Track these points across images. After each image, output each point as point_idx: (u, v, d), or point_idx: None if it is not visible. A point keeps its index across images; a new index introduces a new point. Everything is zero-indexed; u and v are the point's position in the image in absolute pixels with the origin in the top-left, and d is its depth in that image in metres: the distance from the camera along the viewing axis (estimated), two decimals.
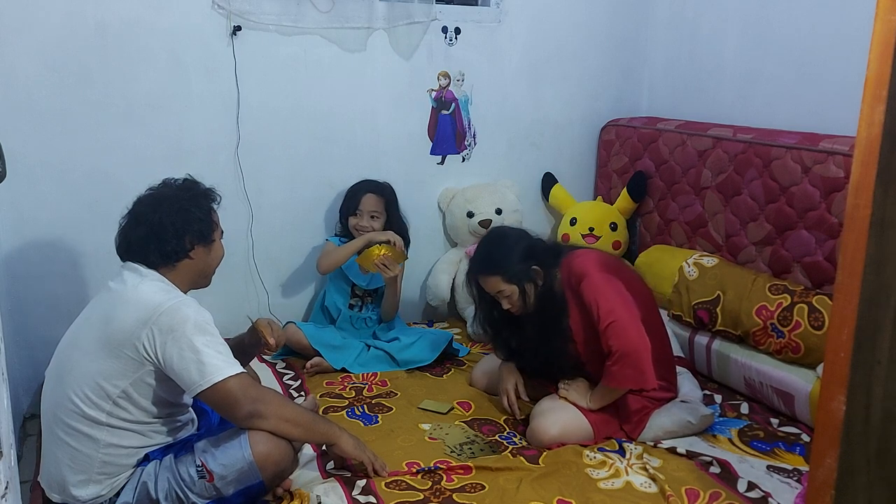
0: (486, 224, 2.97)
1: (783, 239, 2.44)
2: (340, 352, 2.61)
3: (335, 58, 2.80)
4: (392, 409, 2.29)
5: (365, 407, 2.30)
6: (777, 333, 2.21)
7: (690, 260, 2.58)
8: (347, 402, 2.33)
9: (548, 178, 3.27)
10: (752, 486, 1.83)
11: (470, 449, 2.05)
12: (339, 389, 2.44)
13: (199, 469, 1.66)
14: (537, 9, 3.08)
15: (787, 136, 2.45)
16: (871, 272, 0.77)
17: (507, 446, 2.06)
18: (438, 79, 3.00)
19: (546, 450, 1.98)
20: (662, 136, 2.98)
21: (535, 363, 2.23)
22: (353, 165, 2.88)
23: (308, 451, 1.95)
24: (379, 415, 2.25)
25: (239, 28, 2.62)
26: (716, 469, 1.91)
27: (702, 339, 2.47)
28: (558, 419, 2.05)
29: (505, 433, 2.15)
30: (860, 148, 0.77)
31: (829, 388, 0.83)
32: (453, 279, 3.05)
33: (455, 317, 3.13)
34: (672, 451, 2.00)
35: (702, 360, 2.48)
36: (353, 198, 2.76)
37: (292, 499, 1.75)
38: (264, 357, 2.66)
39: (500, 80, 3.10)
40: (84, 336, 1.70)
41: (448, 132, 3.08)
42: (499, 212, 3.03)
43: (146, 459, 1.72)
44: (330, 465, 1.90)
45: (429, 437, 2.11)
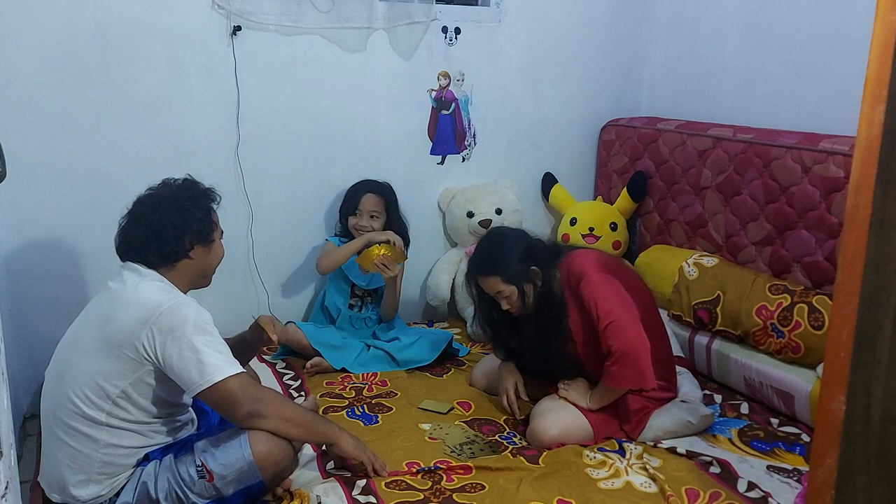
0: (486, 224, 2.97)
1: (783, 239, 2.44)
2: (340, 352, 2.61)
3: (335, 58, 2.80)
4: (392, 409, 2.29)
5: (365, 407, 2.30)
6: (777, 333, 2.21)
7: (690, 260, 2.58)
8: (347, 402, 2.33)
9: (548, 178, 3.27)
10: (752, 486, 1.83)
11: (470, 449, 2.05)
12: (339, 389, 2.44)
13: (199, 469, 1.66)
14: (537, 9, 3.08)
15: (787, 136, 2.45)
16: (871, 272, 0.77)
17: (507, 446, 2.06)
18: (438, 79, 3.00)
19: (546, 450, 1.98)
20: (662, 136, 2.98)
21: (535, 363, 2.23)
22: (353, 165, 2.88)
23: (308, 451, 1.95)
24: (379, 415, 2.25)
25: (239, 28, 2.62)
26: (716, 469, 1.91)
27: (702, 339, 2.47)
28: (558, 419, 2.05)
29: (505, 433, 2.15)
30: (860, 148, 0.77)
31: (829, 388, 0.83)
32: (453, 279, 3.05)
33: (455, 317, 3.13)
34: (672, 451, 2.00)
35: (702, 360, 2.48)
36: (352, 198, 2.76)
37: (292, 499, 1.75)
38: (264, 357, 2.66)
39: (500, 80, 3.10)
40: (84, 336, 1.70)
41: (448, 132, 3.08)
42: (499, 212, 3.03)
43: (146, 459, 1.72)
44: (330, 465, 1.90)
45: (429, 437, 2.11)
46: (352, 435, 1.82)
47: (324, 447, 1.92)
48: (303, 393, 2.40)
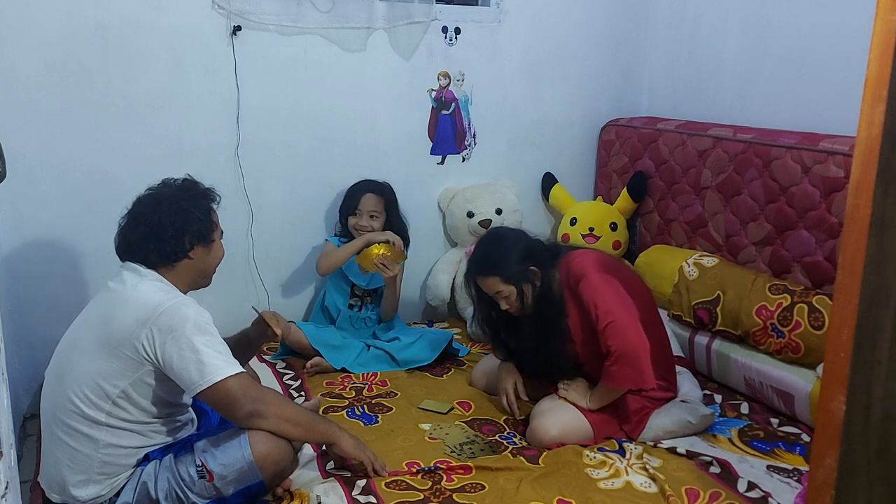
0: (486, 224, 2.97)
1: (783, 239, 2.44)
2: (340, 352, 2.61)
3: (335, 58, 2.80)
4: (392, 409, 2.29)
5: (365, 407, 2.30)
6: (777, 333, 2.21)
7: (690, 260, 2.58)
8: (347, 402, 2.33)
9: (548, 178, 3.27)
10: (752, 485, 1.83)
11: (470, 449, 2.05)
12: (339, 389, 2.44)
13: (199, 469, 1.66)
14: (537, 9, 3.08)
15: (787, 136, 2.45)
16: (871, 272, 0.77)
17: (507, 446, 2.06)
18: (438, 79, 3.00)
19: (546, 450, 1.98)
20: (662, 136, 2.98)
21: (534, 363, 2.23)
22: (353, 165, 2.88)
23: (308, 451, 1.95)
24: (379, 415, 2.25)
25: (239, 28, 2.62)
26: (716, 469, 1.91)
27: (702, 339, 2.47)
28: (558, 419, 2.05)
29: (505, 433, 2.15)
30: (860, 148, 0.77)
31: (829, 388, 0.83)
32: (453, 279, 3.05)
33: (455, 317, 3.13)
34: (672, 451, 2.00)
35: (702, 360, 2.48)
36: (352, 198, 2.76)
37: (292, 499, 1.75)
38: (264, 357, 2.66)
39: (500, 80, 3.10)
40: (83, 336, 1.70)
41: (448, 132, 3.08)
42: (499, 212, 3.03)
43: (146, 459, 1.72)
44: (330, 465, 1.90)
45: (429, 437, 2.11)
46: (352, 435, 1.82)
47: (324, 447, 1.92)
48: (303, 393, 2.40)
